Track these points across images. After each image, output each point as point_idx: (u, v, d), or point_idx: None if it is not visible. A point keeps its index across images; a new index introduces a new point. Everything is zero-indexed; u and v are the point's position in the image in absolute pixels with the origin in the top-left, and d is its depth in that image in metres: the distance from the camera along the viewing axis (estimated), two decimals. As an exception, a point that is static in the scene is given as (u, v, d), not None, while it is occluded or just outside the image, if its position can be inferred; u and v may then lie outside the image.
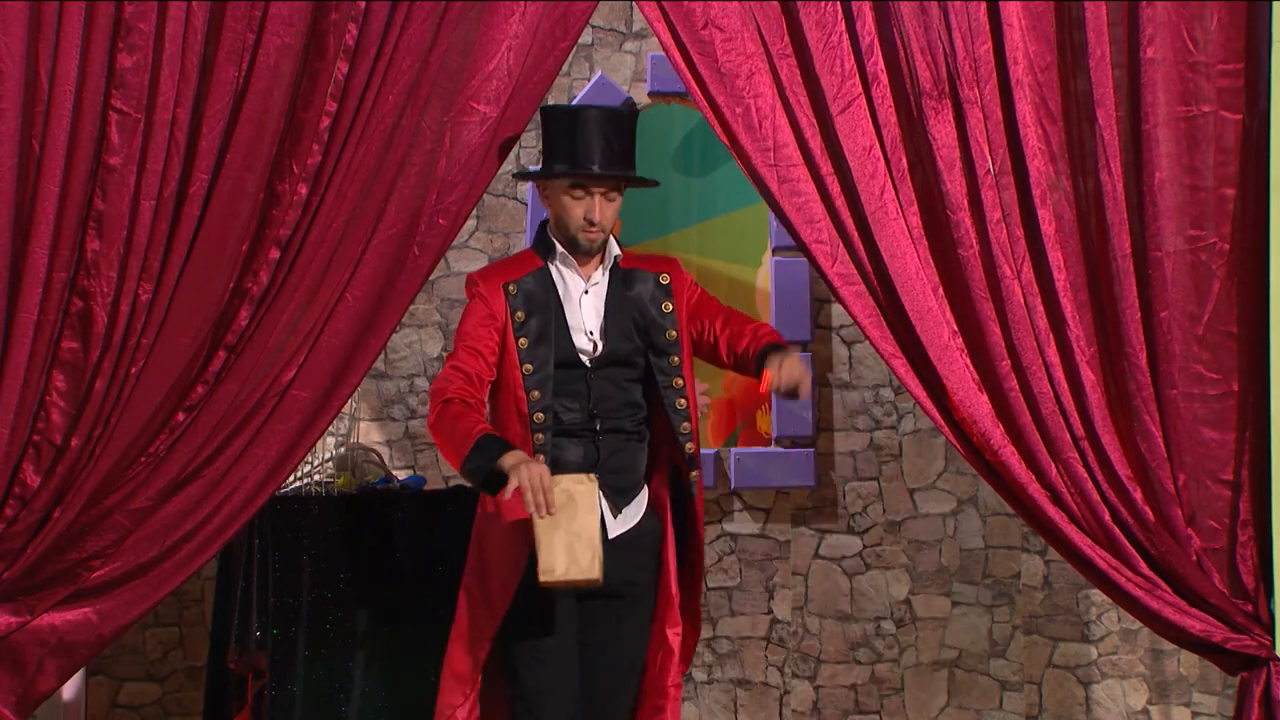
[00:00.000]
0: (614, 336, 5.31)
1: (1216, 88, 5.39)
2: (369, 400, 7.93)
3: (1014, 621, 7.80)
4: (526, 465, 4.99)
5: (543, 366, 5.27)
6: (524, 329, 5.28)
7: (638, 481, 5.35)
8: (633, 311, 5.32)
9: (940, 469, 7.83)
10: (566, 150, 5.27)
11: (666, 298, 5.36)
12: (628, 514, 5.34)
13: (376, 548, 7.01)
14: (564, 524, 5.07)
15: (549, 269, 5.36)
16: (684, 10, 5.38)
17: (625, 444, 5.33)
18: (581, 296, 5.34)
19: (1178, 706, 7.64)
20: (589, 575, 5.07)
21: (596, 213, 5.29)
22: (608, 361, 5.30)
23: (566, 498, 5.08)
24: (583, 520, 5.08)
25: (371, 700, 6.95)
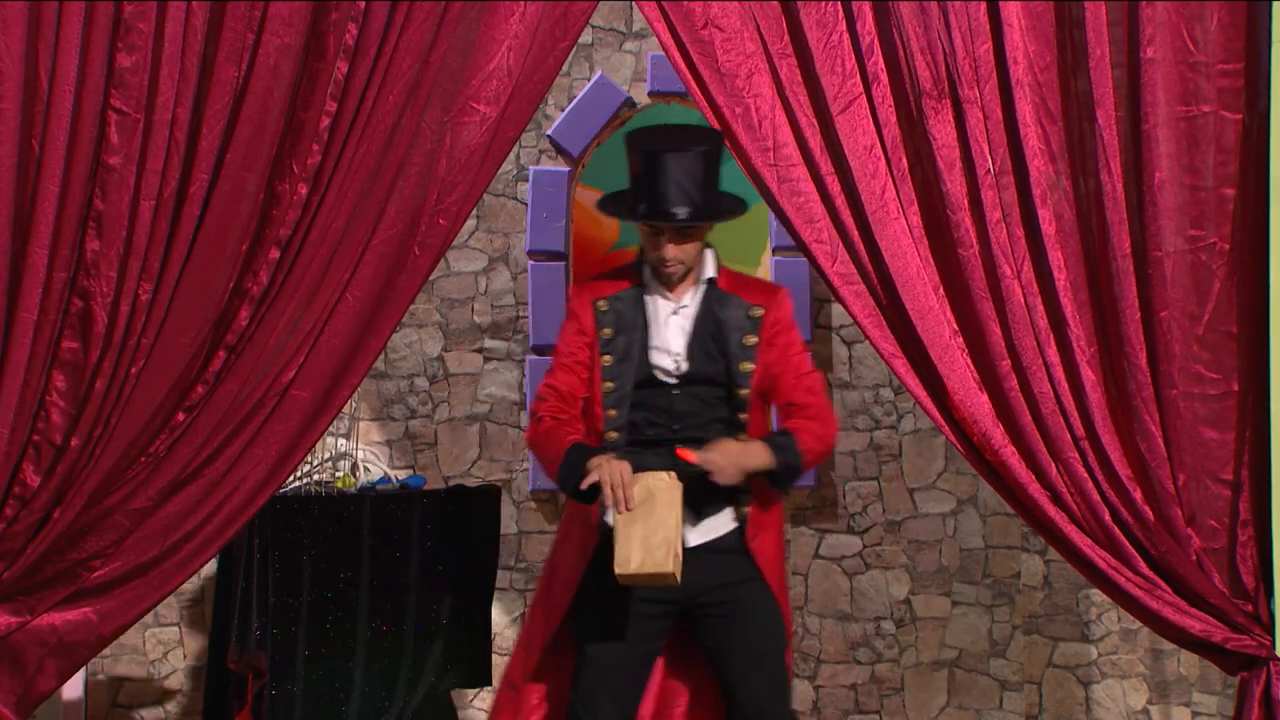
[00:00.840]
0: (698, 357, 5.27)
1: (1216, 87, 5.39)
2: (369, 400, 7.93)
3: (1014, 621, 7.80)
4: (609, 462, 5.07)
5: (623, 385, 5.27)
6: (610, 346, 5.28)
7: (721, 493, 5.27)
8: (718, 335, 5.28)
9: (940, 469, 7.84)
10: (645, 189, 5.21)
11: (752, 331, 5.30)
12: (708, 525, 5.29)
13: (376, 548, 7.01)
14: (642, 519, 5.06)
15: (642, 287, 5.33)
16: (684, 10, 5.38)
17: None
18: (669, 317, 5.30)
19: (1178, 706, 7.64)
20: (663, 569, 5.03)
21: (669, 253, 5.24)
22: (691, 381, 5.27)
23: (646, 494, 5.09)
24: (661, 516, 5.06)
25: (371, 700, 6.96)
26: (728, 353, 5.27)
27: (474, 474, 7.92)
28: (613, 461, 5.08)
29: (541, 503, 7.96)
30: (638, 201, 5.24)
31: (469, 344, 7.98)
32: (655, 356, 5.28)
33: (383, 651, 6.98)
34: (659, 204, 5.19)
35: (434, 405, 7.97)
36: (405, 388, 7.97)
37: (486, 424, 7.96)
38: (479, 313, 7.96)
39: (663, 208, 5.18)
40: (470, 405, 7.96)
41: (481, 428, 7.97)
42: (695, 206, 5.19)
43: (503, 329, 7.97)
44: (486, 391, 7.97)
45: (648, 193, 5.21)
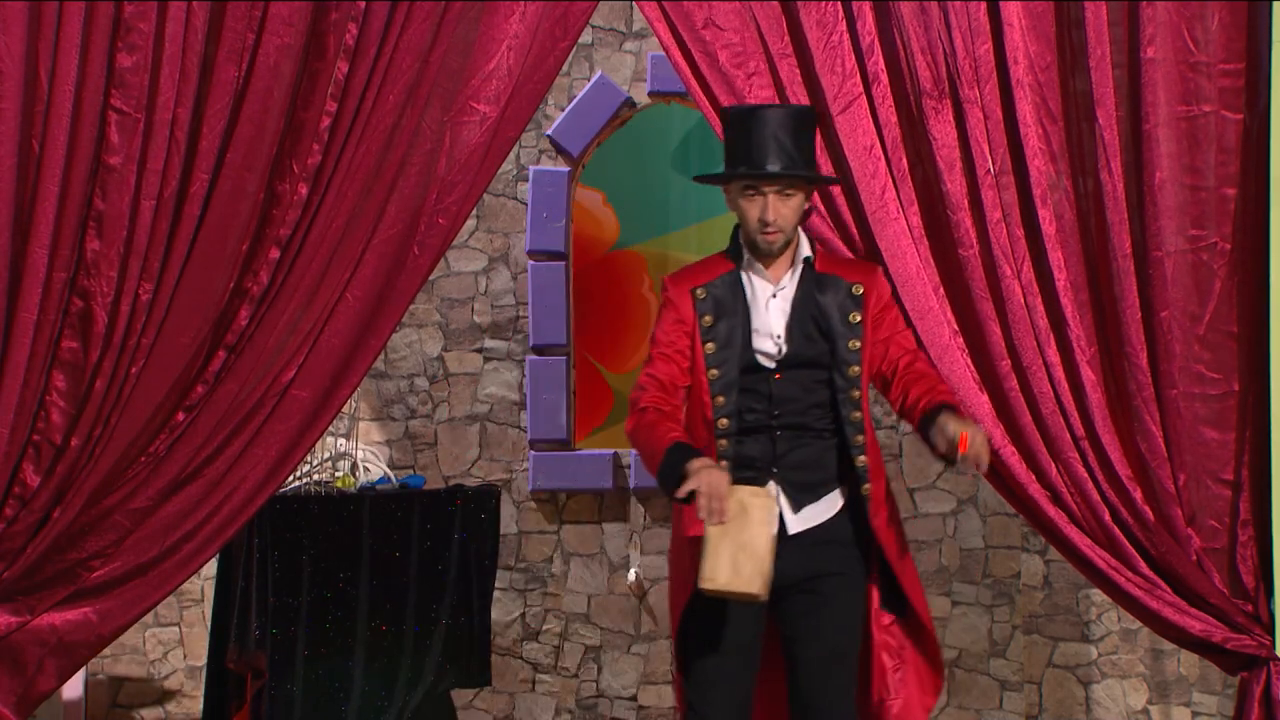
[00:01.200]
0: (798, 340, 5.19)
1: (1218, 87, 5.39)
2: (369, 400, 7.93)
3: (1014, 621, 7.80)
4: (706, 471, 4.97)
5: (728, 371, 5.19)
6: (711, 333, 5.19)
7: (824, 479, 5.22)
8: (819, 316, 5.19)
9: (940, 469, 7.83)
10: (742, 151, 5.14)
11: (856, 308, 5.20)
12: (810, 512, 5.22)
13: (376, 547, 7.01)
14: (733, 534, 4.99)
15: (739, 273, 5.24)
16: (684, 10, 5.38)
17: (810, 441, 5.21)
18: (769, 300, 5.21)
19: (1178, 706, 7.64)
20: (748, 589, 4.98)
21: (770, 212, 5.12)
22: (792, 364, 5.18)
23: (740, 508, 5.00)
24: (753, 533, 4.99)
25: (371, 700, 6.96)
26: (832, 333, 5.19)
27: (474, 474, 7.92)
28: (711, 471, 4.98)
29: (541, 503, 7.97)
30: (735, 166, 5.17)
31: (469, 344, 7.98)
32: (757, 341, 5.20)
33: (382, 651, 6.98)
34: (757, 159, 5.12)
35: (434, 405, 7.97)
36: (405, 388, 7.97)
37: (486, 424, 7.96)
38: (479, 313, 7.96)
39: (761, 162, 5.11)
40: (470, 405, 7.96)
41: (481, 428, 7.97)
42: (793, 161, 5.12)
43: (503, 329, 7.97)
44: (486, 391, 7.97)
45: (744, 153, 5.14)
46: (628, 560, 7.99)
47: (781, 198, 5.12)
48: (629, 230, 8.00)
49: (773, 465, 5.18)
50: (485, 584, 7.18)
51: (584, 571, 7.98)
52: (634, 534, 8.00)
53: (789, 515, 5.19)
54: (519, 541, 7.94)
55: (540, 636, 7.96)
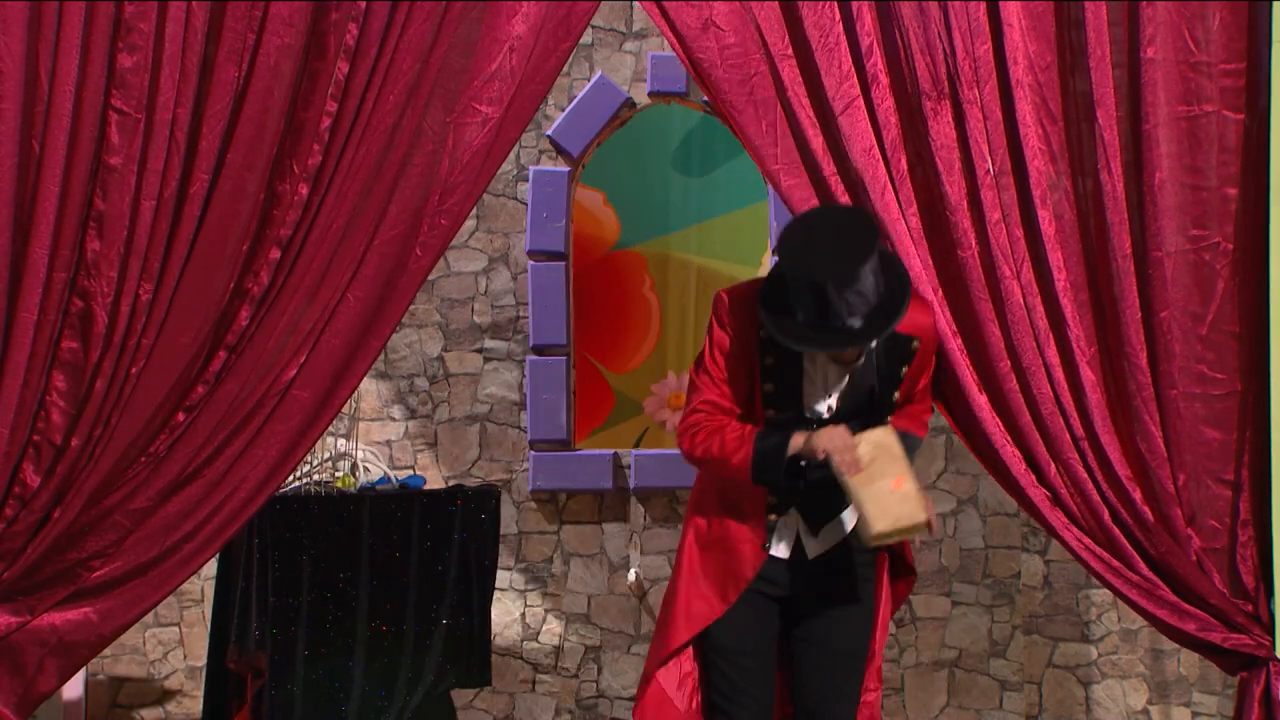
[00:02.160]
0: (850, 403, 5.15)
1: (1218, 87, 5.39)
2: (369, 400, 7.93)
3: (1014, 621, 7.80)
4: (821, 432, 4.95)
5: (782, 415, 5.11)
6: (770, 375, 5.12)
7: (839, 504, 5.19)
8: (873, 379, 5.14)
9: (940, 469, 7.84)
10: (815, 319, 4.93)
11: (907, 363, 5.17)
12: (825, 536, 5.23)
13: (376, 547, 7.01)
14: (877, 477, 4.96)
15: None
16: (684, 10, 5.38)
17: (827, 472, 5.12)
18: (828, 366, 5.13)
19: (1178, 706, 7.65)
20: (917, 520, 4.95)
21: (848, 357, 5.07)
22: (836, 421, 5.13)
23: (873, 450, 4.98)
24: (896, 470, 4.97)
25: (371, 700, 6.96)
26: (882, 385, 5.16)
27: (474, 474, 7.92)
28: (826, 430, 4.96)
29: (541, 503, 7.97)
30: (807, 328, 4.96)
31: (469, 344, 7.98)
32: (809, 398, 5.14)
33: (382, 651, 6.98)
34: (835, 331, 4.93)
35: (434, 405, 7.97)
36: (405, 388, 7.97)
37: (486, 424, 7.96)
38: (479, 313, 7.97)
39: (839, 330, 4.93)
40: (470, 405, 7.96)
41: (481, 428, 7.97)
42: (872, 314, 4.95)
43: (503, 329, 7.97)
44: (486, 391, 7.97)
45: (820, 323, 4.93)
46: (628, 560, 8.00)
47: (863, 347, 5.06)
48: (629, 230, 8.00)
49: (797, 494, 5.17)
50: (485, 584, 7.18)
51: (584, 571, 7.98)
52: (634, 534, 8.00)
53: (808, 540, 5.21)
54: (519, 541, 7.94)
55: (540, 636, 7.96)
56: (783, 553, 5.20)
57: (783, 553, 5.20)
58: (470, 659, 7.15)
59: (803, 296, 4.96)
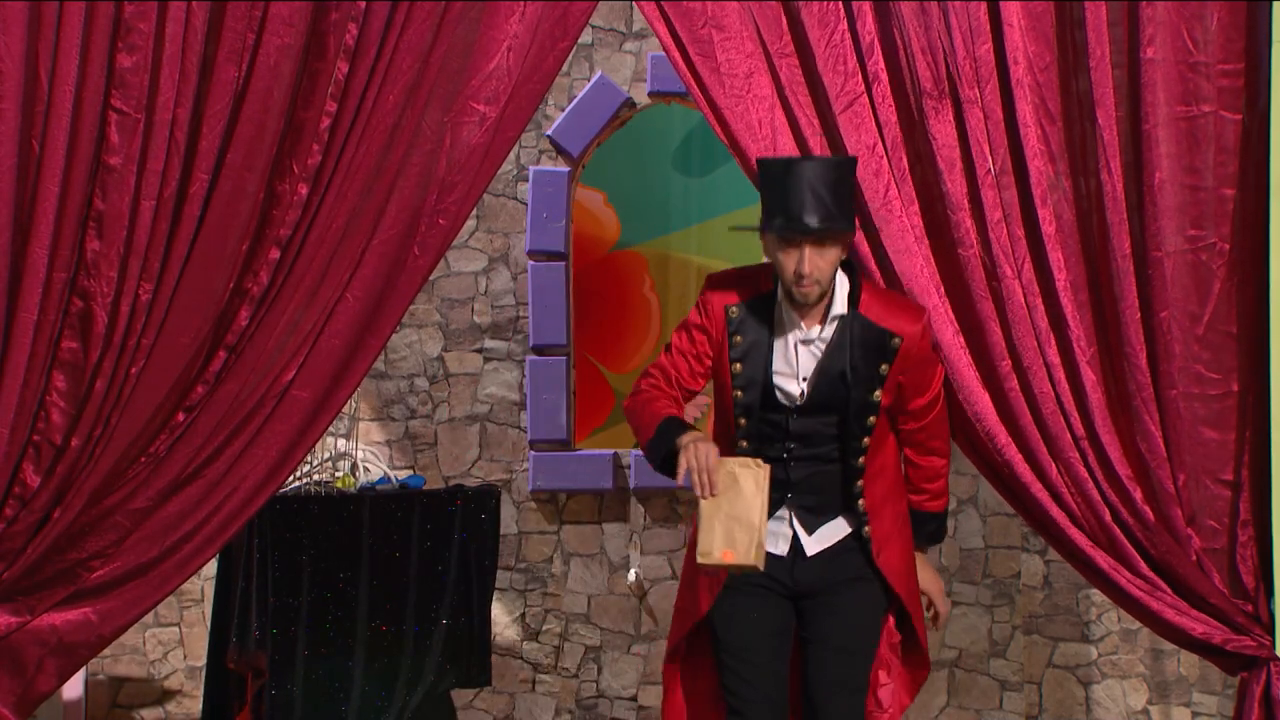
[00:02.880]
0: (822, 389, 5.15)
1: (1217, 87, 5.39)
2: (369, 400, 7.93)
3: (1014, 621, 7.80)
4: (695, 445, 4.95)
5: (751, 396, 5.15)
6: (738, 353, 5.15)
7: (834, 503, 5.22)
8: (848, 369, 5.14)
9: (940, 469, 7.83)
10: (779, 204, 5.06)
11: (888, 360, 5.16)
12: (823, 534, 5.23)
13: (376, 547, 7.01)
14: (725, 506, 4.94)
15: (775, 301, 5.18)
16: (684, 10, 5.37)
17: (822, 468, 5.20)
18: (798, 345, 5.17)
19: (1178, 706, 7.65)
20: (744, 561, 4.92)
21: (807, 265, 5.05)
22: (810, 408, 5.15)
23: (731, 479, 4.96)
24: (746, 503, 4.94)
25: (371, 700, 6.96)
26: (857, 384, 5.14)
27: (474, 474, 7.92)
28: (700, 444, 4.96)
29: (541, 503, 7.97)
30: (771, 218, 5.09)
31: (469, 344, 7.98)
32: (780, 379, 5.16)
33: (382, 651, 6.98)
34: (794, 213, 5.04)
35: (434, 405, 7.97)
36: (405, 388, 7.97)
37: (486, 424, 7.96)
38: (479, 313, 7.97)
39: (798, 215, 5.03)
40: (470, 405, 7.96)
41: (481, 428, 7.97)
42: (830, 214, 5.05)
43: (503, 329, 7.97)
44: (486, 391, 7.97)
45: (781, 205, 5.06)
46: (628, 560, 8.00)
47: (818, 250, 5.06)
48: (629, 230, 8.00)
49: (787, 490, 5.19)
50: (485, 584, 7.18)
51: (584, 572, 7.98)
52: (634, 534, 8.00)
53: (804, 537, 5.22)
54: (519, 541, 7.94)
55: (540, 636, 7.97)
56: (781, 549, 5.21)
57: (781, 549, 5.21)
58: (470, 659, 7.16)
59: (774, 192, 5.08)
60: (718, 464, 4.96)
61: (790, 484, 5.19)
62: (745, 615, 5.22)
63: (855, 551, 5.26)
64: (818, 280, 5.08)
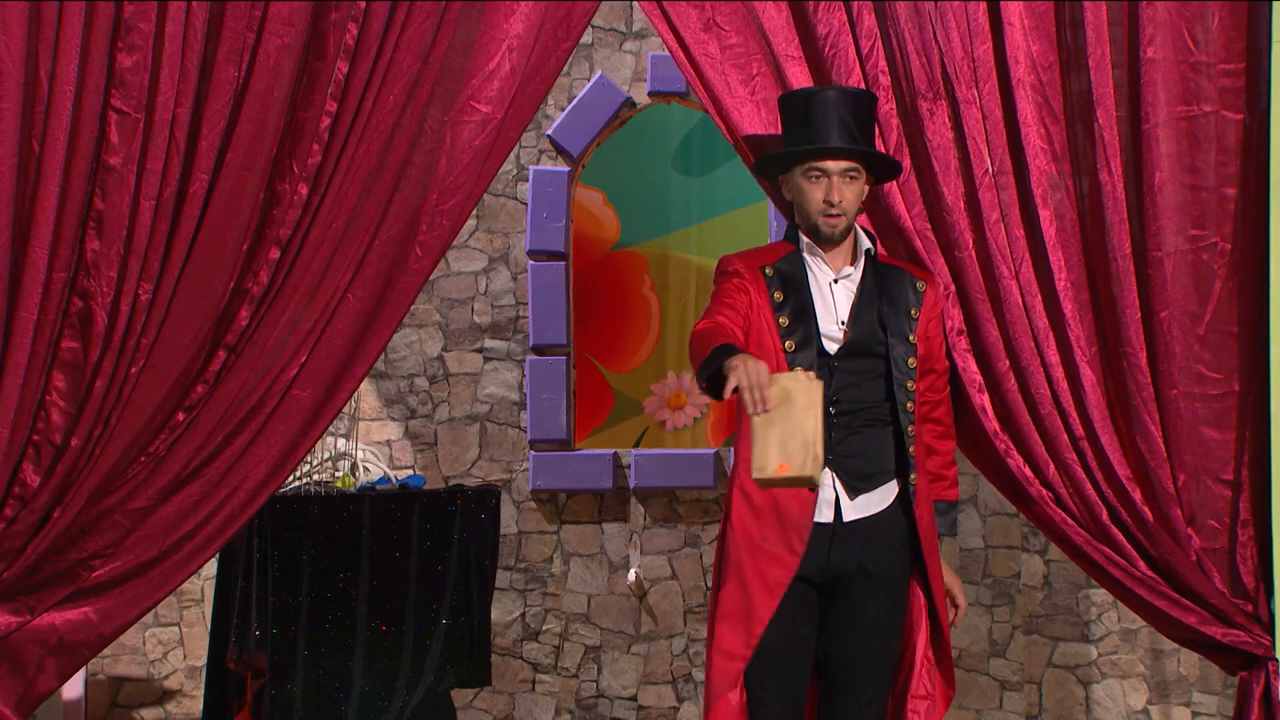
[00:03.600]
0: (863, 326, 5.11)
1: (1218, 87, 5.39)
2: (369, 400, 7.93)
3: (1014, 621, 7.80)
4: (745, 362, 4.80)
5: (805, 343, 5.10)
6: (783, 308, 5.10)
7: (879, 469, 5.14)
8: (883, 306, 5.13)
9: (940, 469, 7.83)
10: (802, 132, 5.07)
11: (917, 305, 5.16)
12: (865, 501, 5.14)
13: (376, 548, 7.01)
14: (779, 421, 4.81)
15: (801, 255, 5.15)
16: (684, 10, 5.38)
17: (863, 429, 5.13)
18: (831, 285, 5.14)
19: (1178, 706, 7.65)
20: (802, 472, 4.78)
21: (835, 193, 5.05)
22: (853, 352, 5.10)
23: (784, 395, 4.82)
24: (800, 417, 4.81)
25: (371, 700, 6.96)
26: (895, 323, 5.12)
27: (474, 474, 7.92)
28: (750, 361, 4.80)
29: (541, 503, 7.97)
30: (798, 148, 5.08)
31: (469, 344, 7.98)
32: (822, 323, 5.13)
33: (382, 651, 6.99)
34: (821, 138, 5.03)
35: (434, 405, 7.97)
36: (405, 388, 7.97)
37: (486, 424, 7.97)
38: (479, 313, 7.97)
39: (825, 139, 5.02)
40: (470, 405, 7.96)
41: (481, 428, 7.97)
42: (856, 140, 5.04)
43: (503, 329, 7.97)
44: (486, 391, 7.97)
45: (805, 133, 5.05)
46: (628, 560, 8.00)
47: (845, 179, 5.06)
48: (629, 230, 8.00)
49: (829, 452, 5.05)
50: (485, 584, 7.19)
51: (584, 571, 7.98)
52: (634, 534, 8.00)
53: (845, 501, 5.12)
54: (519, 541, 7.94)
55: (540, 636, 7.96)
56: (825, 517, 5.10)
57: (825, 517, 5.10)
58: (470, 659, 7.16)
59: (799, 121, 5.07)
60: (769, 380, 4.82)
61: (832, 444, 5.08)
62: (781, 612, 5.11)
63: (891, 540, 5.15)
64: (845, 210, 5.07)
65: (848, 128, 5.05)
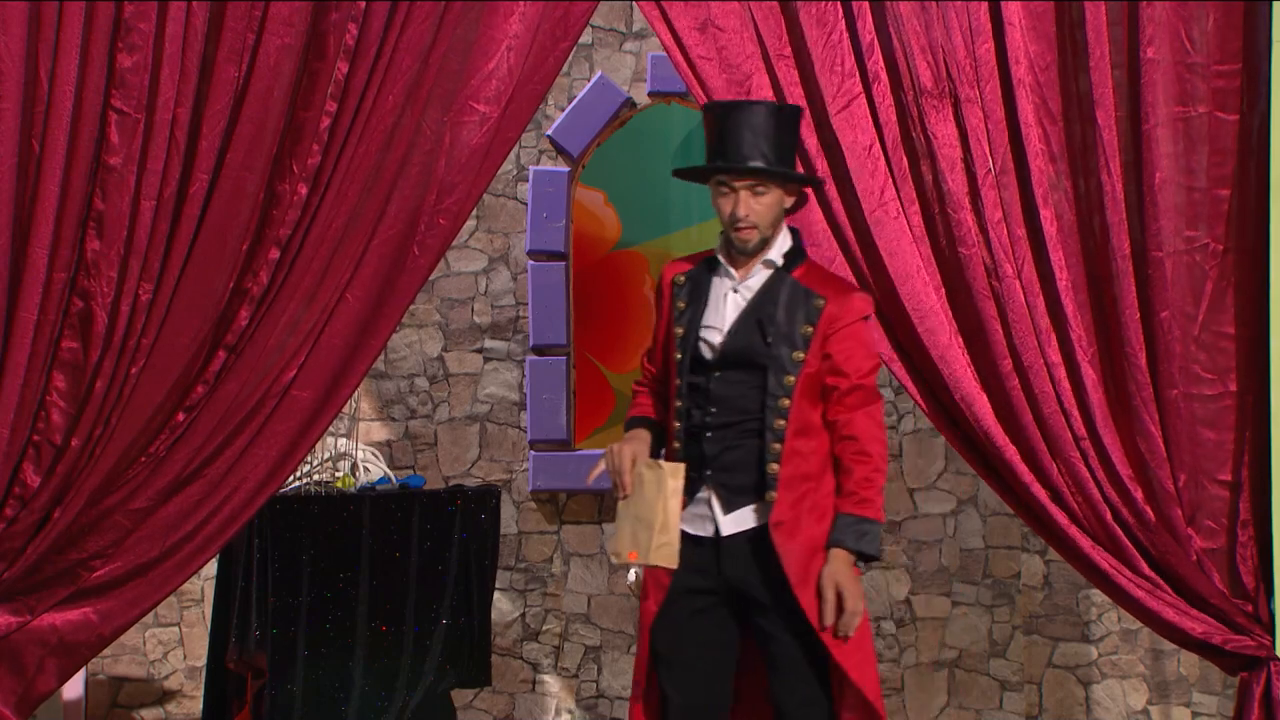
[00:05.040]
0: (739, 336, 5.13)
1: (1211, 88, 5.39)
2: (369, 400, 7.93)
3: (1014, 621, 7.80)
4: (614, 447, 5.10)
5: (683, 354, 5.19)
6: (681, 318, 5.19)
7: (753, 484, 5.14)
8: (768, 318, 5.13)
9: (940, 469, 7.83)
10: (717, 147, 5.14)
11: (811, 322, 5.11)
12: (741, 516, 5.15)
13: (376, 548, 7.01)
14: (634, 506, 5.07)
15: (715, 261, 5.23)
16: (684, 10, 5.38)
17: (741, 443, 5.14)
18: (728, 294, 5.18)
19: (1178, 706, 7.64)
20: (647, 561, 5.05)
21: (742, 208, 5.09)
22: (729, 362, 5.13)
23: (639, 480, 5.08)
24: (648, 504, 5.04)
25: (371, 700, 6.96)
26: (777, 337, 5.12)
27: (474, 474, 7.92)
28: (620, 446, 5.10)
29: (541, 503, 7.97)
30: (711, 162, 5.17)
31: (469, 344, 7.98)
32: (705, 332, 5.17)
33: (382, 651, 6.98)
34: (730, 155, 5.10)
35: (434, 405, 7.97)
36: (405, 388, 7.97)
37: (486, 424, 7.96)
38: (479, 313, 7.97)
39: (732, 156, 5.09)
40: (470, 405, 7.96)
41: (481, 428, 7.97)
42: (765, 158, 5.07)
43: (503, 329, 7.97)
44: (486, 391, 7.97)
45: (720, 148, 5.13)
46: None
47: (753, 194, 5.10)
48: (630, 230, 8.00)
49: (706, 467, 5.13)
50: (485, 584, 7.18)
51: (584, 571, 7.98)
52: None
53: (720, 517, 5.16)
54: (519, 541, 7.94)
55: (540, 636, 7.96)
56: (704, 531, 5.15)
57: (704, 531, 5.15)
58: (470, 659, 7.15)
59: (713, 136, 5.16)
60: (630, 465, 5.07)
61: (708, 459, 5.14)
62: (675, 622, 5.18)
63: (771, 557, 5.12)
64: (755, 224, 5.11)
65: (757, 145, 5.08)
